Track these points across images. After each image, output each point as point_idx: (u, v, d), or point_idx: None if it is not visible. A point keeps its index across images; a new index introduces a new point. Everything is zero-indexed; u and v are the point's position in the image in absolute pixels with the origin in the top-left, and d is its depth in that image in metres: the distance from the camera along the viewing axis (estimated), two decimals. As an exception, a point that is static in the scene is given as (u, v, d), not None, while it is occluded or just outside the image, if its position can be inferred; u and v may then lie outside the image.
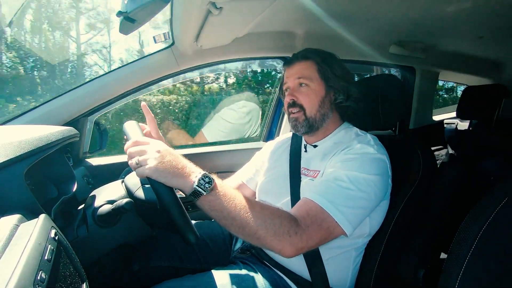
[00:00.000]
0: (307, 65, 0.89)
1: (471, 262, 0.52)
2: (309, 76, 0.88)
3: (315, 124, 0.88)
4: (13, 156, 0.55)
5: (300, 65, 0.90)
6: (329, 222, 0.67)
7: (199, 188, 0.57)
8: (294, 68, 0.90)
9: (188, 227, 0.58)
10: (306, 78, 0.88)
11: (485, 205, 0.55)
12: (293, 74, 0.90)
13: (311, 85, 0.87)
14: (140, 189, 0.74)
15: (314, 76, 0.88)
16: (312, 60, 0.89)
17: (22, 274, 0.35)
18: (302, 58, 0.90)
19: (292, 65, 0.92)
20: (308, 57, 0.90)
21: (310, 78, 0.88)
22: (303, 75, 0.88)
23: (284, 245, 0.62)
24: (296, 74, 0.89)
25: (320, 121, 0.88)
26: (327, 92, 0.88)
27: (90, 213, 0.74)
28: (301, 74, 0.88)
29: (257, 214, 0.61)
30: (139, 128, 0.70)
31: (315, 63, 0.88)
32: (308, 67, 0.89)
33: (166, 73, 1.24)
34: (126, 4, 0.78)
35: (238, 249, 0.96)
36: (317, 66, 0.88)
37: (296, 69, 0.90)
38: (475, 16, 1.11)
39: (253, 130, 2.14)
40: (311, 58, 0.89)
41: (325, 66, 0.88)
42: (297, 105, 0.88)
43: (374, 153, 0.76)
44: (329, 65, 0.88)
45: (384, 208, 0.81)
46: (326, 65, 0.88)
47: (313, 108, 0.87)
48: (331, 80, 0.87)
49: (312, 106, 0.87)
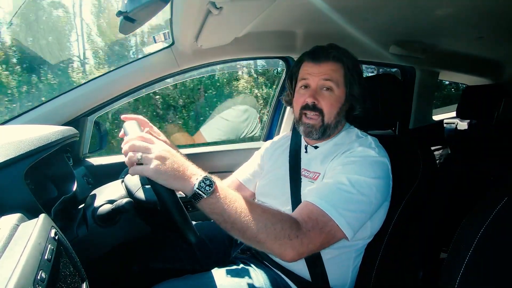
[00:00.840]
0: (337, 67, 0.83)
1: (471, 262, 0.52)
2: (336, 80, 0.82)
3: (328, 131, 0.85)
4: (13, 156, 0.55)
5: (330, 66, 0.83)
6: (330, 226, 0.67)
7: (200, 191, 0.57)
8: (322, 67, 0.83)
9: (188, 228, 0.58)
10: (334, 82, 0.82)
11: (485, 205, 0.55)
12: (319, 74, 0.83)
13: (336, 91, 0.83)
14: (140, 189, 0.74)
15: (340, 82, 0.83)
16: (343, 63, 0.83)
17: (22, 273, 0.35)
18: (333, 59, 0.83)
19: (320, 63, 0.84)
20: (340, 59, 0.83)
21: (337, 83, 0.82)
22: (331, 78, 0.82)
23: (285, 249, 0.61)
24: (323, 75, 0.83)
25: (333, 128, 0.86)
26: (346, 100, 0.85)
27: (90, 213, 0.74)
28: (329, 76, 0.82)
29: (258, 218, 0.60)
30: (139, 127, 0.69)
31: (345, 67, 0.83)
32: (337, 70, 0.83)
33: (166, 73, 1.24)
34: (126, 4, 0.78)
35: (238, 249, 0.96)
36: (346, 72, 0.83)
37: (325, 69, 0.83)
38: (475, 16, 1.11)
39: (254, 130, 2.14)
40: (343, 61, 0.83)
41: (354, 73, 0.83)
42: (317, 109, 0.83)
43: (375, 156, 0.75)
44: (357, 73, 0.84)
45: (384, 209, 0.80)
46: (355, 73, 0.83)
47: (331, 115, 0.83)
48: (354, 89, 0.83)
49: (331, 113, 0.83)
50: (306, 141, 0.94)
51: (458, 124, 2.05)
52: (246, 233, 0.60)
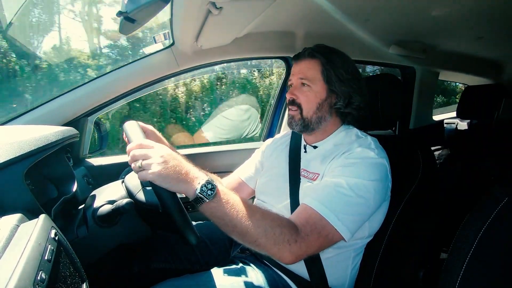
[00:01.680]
0: (312, 64, 0.86)
1: (472, 262, 0.52)
2: (312, 77, 0.86)
3: (310, 125, 0.87)
4: (13, 156, 0.55)
5: (305, 64, 0.87)
6: (328, 229, 0.67)
7: (201, 195, 0.57)
8: (300, 66, 0.88)
9: (189, 228, 0.58)
10: (309, 79, 0.86)
11: (485, 205, 0.55)
12: (297, 72, 0.88)
13: (313, 86, 0.85)
14: (141, 191, 0.74)
15: (317, 78, 0.85)
16: (317, 59, 0.86)
17: (22, 274, 0.35)
18: (309, 56, 0.87)
19: (299, 62, 0.89)
20: (314, 55, 0.86)
21: (313, 80, 0.85)
22: (306, 75, 0.86)
23: (284, 253, 0.62)
24: (300, 73, 0.87)
25: (316, 123, 0.87)
26: (328, 95, 0.86)
27: (90, 213, 0.74)
28: (304, 74, 0.86)
29: (258, 223, 0.61)
30: (140, 129, 0.69)
31: (320, 63, 0.86)
32: (313, 67, 0.86)
33: (166, 73, 1.24)
34: (126, 4, 0.78)
35: (238, 248, 0.96)
36: (322, 67, 0.85)
37: (301, 67, 0.88)
38: (475, 16, 1.11)
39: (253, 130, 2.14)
40: (317, 57, 0.86)
41: (329, 68, 0.85)
42: (295, 103, 0.87)
43: (375, 158, 0.75)
44: (334, 68, 0.85)
45: (383, 209, 0.80)
46: (331, 67, 0.85)
47: (310, 109, 0.86)
48: (333, 84, 0.85)
49: (309, 107, 0.86)
50: (305, 141, 0.94)
51: (458, 124, 2.05)
52: (246, 237, 0.61)
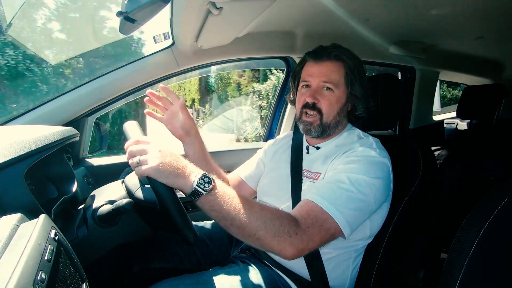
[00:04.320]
0: (337, 67, 0.83)
1: (472, 262, 0.52)
2: (336, 81, 0.82)
3: (327, 130, 0.85)
4: (13, 156, 0.55)
5: (330, 66, 0.83)
6: (329, 223, 0.67)
7: (199, 188, 0.57)
8: (322, 67, 0.84)
9: (188, 227, 0.58)
10: (333, 83, 0.82)
11: (485, 205, 0.55)
12: (319, 74, 0.84)
13: (336, 91, 0.82)
14: (139, 189, 0.74)
15: (340, 82, 0.83)
16: (344, 63, 0.83)
17: (22, 274, 0.35)
18: (335, 58, 0.83)
19: (321, 63, 0.84)
20: (341, 58, 0.83)
21: (337, 84, 0.82)
22: (330, 79, 0.82)
23: (284, 246, 0.61)
24: (323, 75, 0.83)
25: (334, 128, 0.86)
26: (347, 100, 0.85)
27: (90, 213, 0.74)
28: (328, 77, 0.82)
29: (256, 215, 0.60)
30: (139, 128, 0.70)
31: (345, 67, 0.83)
32: (338, 70, 0.83)
33: (166, 73, 1.24)
34: (126, 4, 0.78)
35: (238, 248, 0.96)
36: (346, 71, 0.83)
37: (325, 69, 0.83)
38: (475, 16, 1.11)
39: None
40: (344, 60, 0.83)
41: (355, 73, 0.83)
42: (316, 108, 0.83)
43: (376, 156, 0.75)
44: (359, 73, 0.83)
45: (384, 210, 0.80)
46: (356, 72, 0.83)
47: (331, 115, 0.84)
48: (355, 89, 0.83)
49: (330, 113, 0.83)
50: (307, 142, 0.94)
51: (458, 124, 2.06)
52: (245, 230, 0.60)
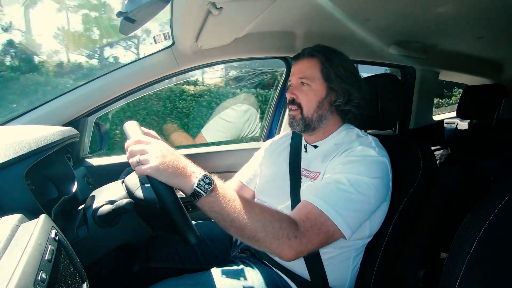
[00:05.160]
0: (311, 63, 0.88)
1: (472, 262, 0.52)
2: (311, 76, 0.87)
3: (311, 124, 0.87)
4: (13, 156, 0.55)
5: (305, 63, 0.89)
6: (328, 225, 0.67)
7: (199, 189, 0.57)
8: (299, 65, 0.90)
9: (189, 228, 0.58)
10: (308, 78, 0.87)
11: (485, 205, 0.55)
12: (296, 72, 0.90)
13: (312, 85, 0.86)
14: (139, 188, 0.74)
15: (316, 76, 0.87)
16: (316, 58, 0.87)
17: (22, 274, 0.35)
18: (308, 55, 0.89)
19: (298, 61, 0.91)
20: (313, 54, 0.88)
21: (312, 78, 0.87)
22: (305, 75, 0.87)
23: (283, 248, 0.61)
24: (299, 72, 0.88)
25: (317, 122, 0.87)
26: (327, 93, 0.87)
27: (91, 213, 0.74)
28: (303, 73, 0.88)
29: (256, 217, 0.60)
30: (139, 127, 0.70)
31: (319, 62, 0.87)
32: (312, 66, 0.87)
33: (166, 73, 1.24)
34: (126, 5, 0.78)
35: (238, 248, 0.96)
36: (321, 66, 0.87)
37: (300, 67, 0.89)
38: (475, 16, 1.11)
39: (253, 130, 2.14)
40: (316, 56, 0.88)
41: (328, 66, 0.86)
42: (295, 103, 0.88)
43: (375, 156, 0.76)
44: (333, 66, 0.86)
45: (384, 209, 0.80)
46: (330, 65, 0.86)
47: (310, 108, 0.87)
48: (333, 81, 0.86)
49: (310, 106, 0.87)
50: (306, 140, 0.94)
51: (458, 124, 2.06)
52: (245, 231, 0.60)
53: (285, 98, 1.62)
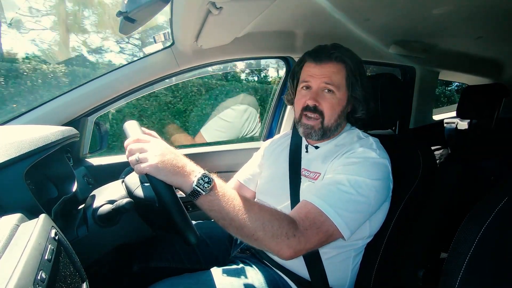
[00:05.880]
0: (338, 69, 0.81)
1: (472, 262, 0.52)
2: (338, 83, 0.81)
3: (328, 133, 0.85)
4: (13, 156, 0.55)
5: (331, 67, 0.81)
6: (328, 225, 0.67)
7: (198, 188, 0.57)
8: (324, 68, 0.82)
9: (188, 227, 0.58)
10: (335, 85, 0.81)
11: (485, 205, 0.55)
12: (320, 75, 0.82)
13: (337, 93, 0.81)
14: (139, 187, 0.74)
15: (342, 84, 0.81)
16: (345, 64, 0.81)
17: (22, 273, 0.35)
18: (336, 60, 0.81)
19: (322, 64, 0.82)
20: (342, 60, 0.81)
21: (338, 86, 0.81)
22: (332, 80, 0.81)
23: (282, 247, 0.62)
24: (325, 77, 0.81)
25: (334, 130, 0.85)
26: (348, 102, 0.84)
27: (90, 213, 0.74)
28: (330, 79, 0.81)
29: (255, 216, 0.61)
30: (139, 127, 0.70)
31: (347, 69, 0.81)
32: (339, 71, 0.81)
33: (166, 73, 1.24)
34: (126, 4, 0.78)
35: (238, 248, 0.96)
36: (348, 73, 0.82)
37: (326, 71, 0.81)
38: (475, 16, 1.11)
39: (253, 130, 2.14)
40: (345, 62, 0.81)
41: (356, 74, 0.82)
42: (318, 111, 0.82)
43: (376, 158, 0.75)
44: (360, 74, 0.82)
45: (384, 210, 0.80)
46: (358, 74, 0.82)
47: (332, 118, 0.83)
48: (356, 91, 0.82)
49: (332, 115, 0.82)
50: (306, 141, 0.94)
51: (458, 124, 2.06)
52: (244, 230, 0.60)
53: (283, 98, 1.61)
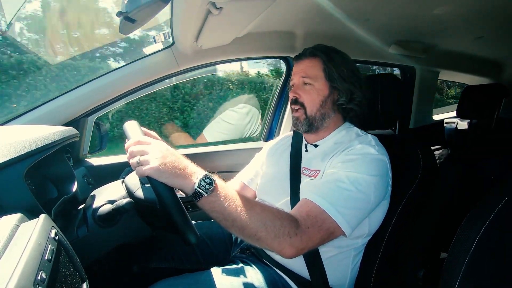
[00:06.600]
0: (313, 63, 0.88)
1: (472, 261, 0.52)
2: (313, 75, 0.87)
3: (314, 123, 0.88)
4: (13, 156, 0.55)
5: (307, 63, 0.89)
6: (329, 223, 0.67)
7: (200, 189, 0.57)
8: (301, 65, 0.90)
9: (188, 228, 0.58)
10: (311, 77, 0.87)
11: (485, 205, 0.55)
12: (298, 71, 0.90)
13: (315, 84, 0.87)
14: (139, 189, 0.73)
15: (319, 75, 0.87)
16: (318, 57, 0.88)
17: (22, 274, 0.35)
18: (310, 55, 0.89)
19: (300, 61, 0.91)
20: (315, 54, 0.89)
21: (315, 78, 0.87)
22: (307, 74, 0.88)
23: (284, 246, 0.62)
24: (302, 72, 0.89)
25: (320, 121, 0.88)
26: (330, 92, 0.87)
27: (90, 213, 0.74)
28: (305, 72, 0.88)
29: (257, 216, 0.61)
30: (139, 128, 0.69)
31: (321, 61, 0.87)
32: (314, 65, 0.88)
33: (166, 73, 1.24)
34: (126, 4, 0.78)
35: (238, 248, 0.96)
36: (323, 65, 0.87)
37: (302, 66, 0.90)
38: (475, 16, 1.11)
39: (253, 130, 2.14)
40: (318, 55, 0.88)
41: (330, 65, 0.87)
42: (298, 103, 0.88)
43: (375, 154, 0.76)
44: (335, 65, 0.87)
45: (383, 208, 0.81)
46: (332, 65, 0.87)
47: (314, 107, 0.87)
48: (335, 80, 0.86)
49: (313, 105, 0.87)
50: (306, 140, 0.95)
51: (458, 124, 2.06)
52: (246, 230, 0.60)
53: (285, 98, 1.62)
